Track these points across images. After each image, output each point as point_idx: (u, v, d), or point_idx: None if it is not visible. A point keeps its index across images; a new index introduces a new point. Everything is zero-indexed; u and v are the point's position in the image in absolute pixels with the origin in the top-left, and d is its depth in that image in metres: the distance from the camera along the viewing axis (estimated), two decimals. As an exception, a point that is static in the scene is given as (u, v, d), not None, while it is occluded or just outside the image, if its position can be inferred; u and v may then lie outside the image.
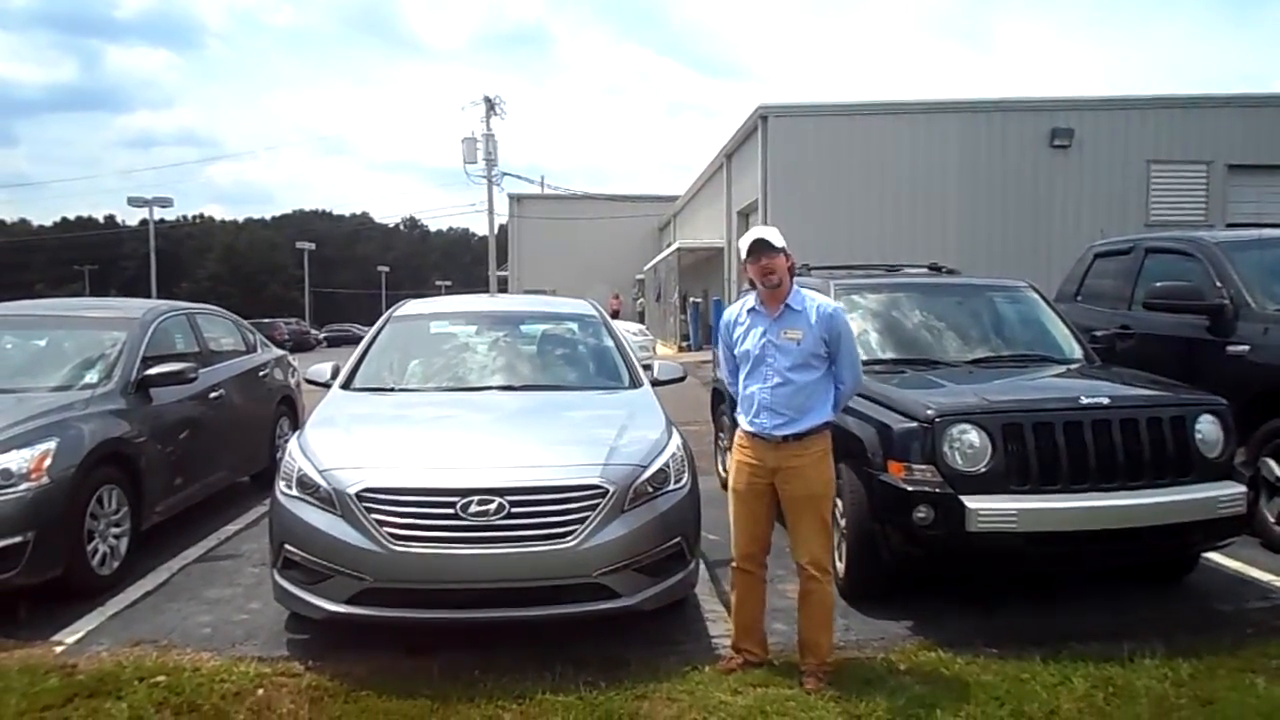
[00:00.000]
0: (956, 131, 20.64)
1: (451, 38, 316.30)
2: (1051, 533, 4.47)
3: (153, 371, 6.07)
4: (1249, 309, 6.23)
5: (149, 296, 30.49)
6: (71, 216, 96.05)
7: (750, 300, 4.16)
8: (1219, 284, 6.49)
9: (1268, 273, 6.50)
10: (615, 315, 34.16)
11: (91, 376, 5.90)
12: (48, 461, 4.92)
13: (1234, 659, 4.11)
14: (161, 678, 4.00)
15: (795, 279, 4.11)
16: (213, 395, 6.98)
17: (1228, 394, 5.00)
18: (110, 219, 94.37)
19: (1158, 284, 6.86)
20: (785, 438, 3.95)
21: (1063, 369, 5.75)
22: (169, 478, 6.14)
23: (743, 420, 4.12)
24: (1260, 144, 20.46)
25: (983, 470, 4.49)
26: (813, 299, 4.07)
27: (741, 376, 4.14)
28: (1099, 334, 6.66)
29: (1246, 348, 6.10)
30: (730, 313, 4.30)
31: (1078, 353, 6.02)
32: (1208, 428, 4.72)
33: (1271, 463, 5.75)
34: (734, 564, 4.19)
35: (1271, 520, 5.75)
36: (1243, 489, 4.69)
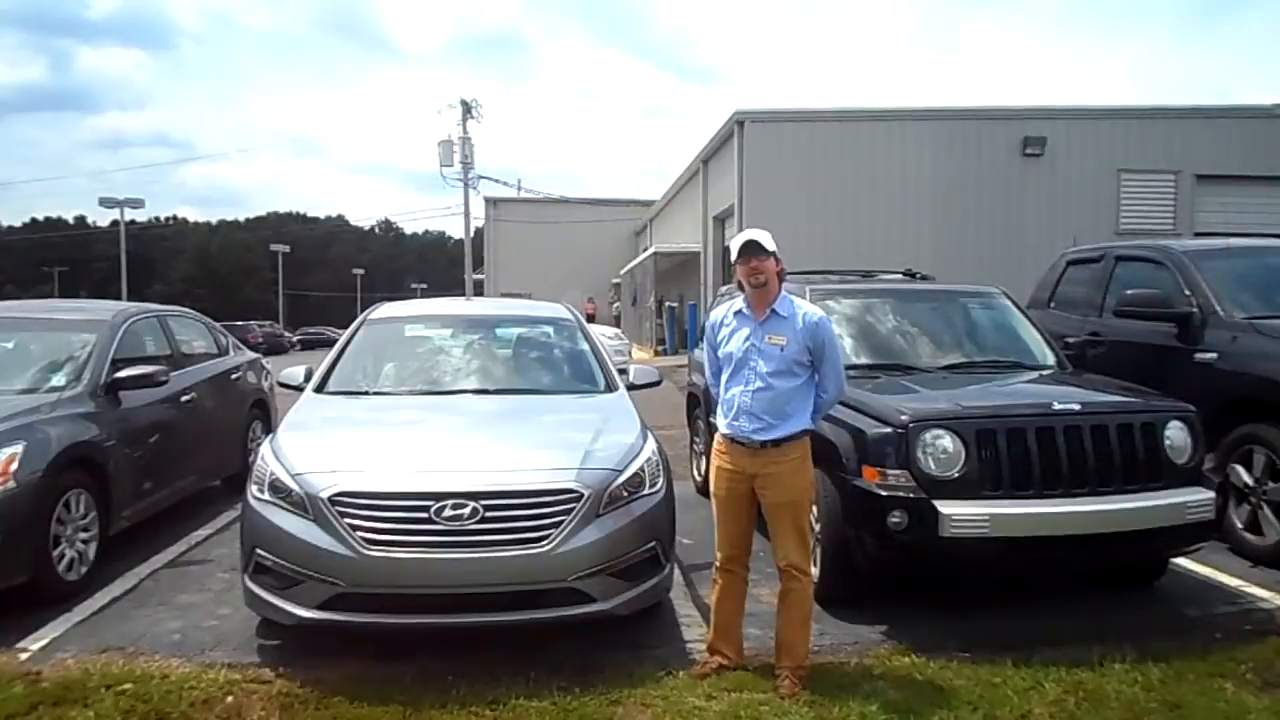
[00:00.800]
0: (931, 138, 20.79)
1: (428, 41, 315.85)
2: (1024, 538, 4.51)
3: (122, 374, 6.00)
4: (1217, 317, 6.31)
5: (120, 298, 30.17)
6: (41, 217, 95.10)
7: (738, 302, 4.16)
8: (1187, 292, 6.57)
9: (1235, 281, 6.59)
10: (591, 319, 34.19)
11: (60, 379, 5.82)
12: (14, 465, 4.84)
13: (1202, 663, 4.15)
14: (129, 685, 3.94)
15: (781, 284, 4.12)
16: (184, 398, 6.91)
17: (1196, 401, 5.06)
18: (81, 220, 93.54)
19: (1128, 292, 6.93)
20: (763, 443, 3.96)
21: (1035, 375, 5.80)
22: (138, 482, 6.07)
23: (721, 423, 4.12)
24: (1228, 155, 20.74)
25: (956, 475, 4.52)
26: (800, 306, 4.08)
27: (723, 379, 4.15)
28: (1071, 340, 6.72)
29: (1214, 355, 6.18)
30: (717, 313, 4.31)
31: (1050, 359, 6.07)
32: (1177, 434, 4.77)
33: (1239, 469, 5.82)
34: (717, 565, 4.20)
35: (1240, 526, 5.82)
36: (1211, 495, 4.75)
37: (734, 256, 4.03)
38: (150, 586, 5.46)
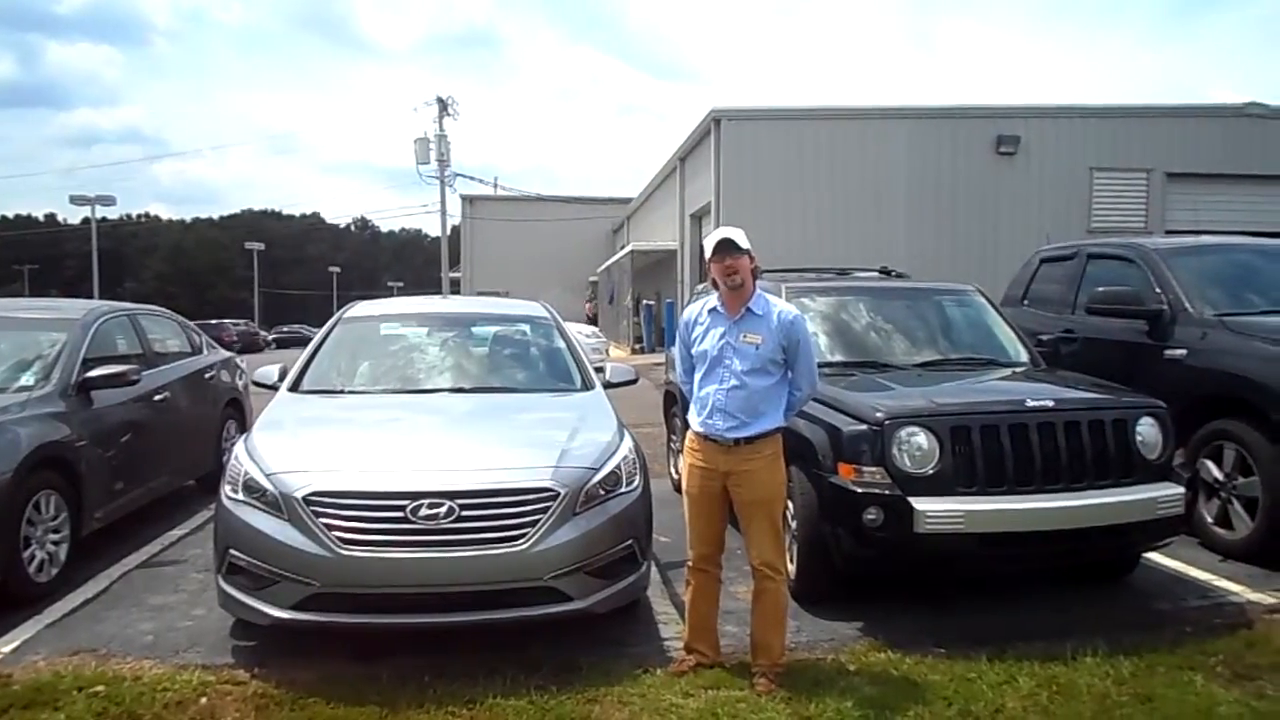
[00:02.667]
0: (905, 137, 20.91)
1: (403, 38, 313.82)
2: (998, 533, 4.54)
3: (94, 373, 5.93)
4: (1186, 314, 6.39)
5: (91, 297, 29.86)
6: (10, 215, 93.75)
7: (712, 300, 4.16)
8: (1158, 289, 6.64)
9: (1204, 279, 6.67)
10: (593, 321, 34.26)
11: (29, 378, 5.75)
12: (-18, 466, 4.78)
13: (1173, 656, 4.20)
14: (101, 687, 3.90)
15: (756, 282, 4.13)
16: (157, 398, 6.84)
17: (1166, 397, 5.13)
18: (51, 217, 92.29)
19: (1099, 289, 6.99)
20: (737, 441, 3.96)
21: (1009, 372, 5.85)
22: (110, 482, 6.00)
23: (694, 420, 4.12)
24: (1198, 153, 21.01)
25: (931, 472, 4.55)
26: (774, 304, 4.08)
27: (697, 377, 4.14)
28: (1044, 338, 6.78)
29: (1184, 352, 6.25)
30: (690, 311, 4.30)
31: (1023, 356, 6.13)
32: (1147, 430, 4.83)
33: (1209, 464, 5.89)
34: (689, 564, 4.20)
35: (1209, 520, 5.89)
36: (1181, 490, 4.81)
37: (708, 255, 4.02)
38: (123, 588, 5.40)
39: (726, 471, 4.00)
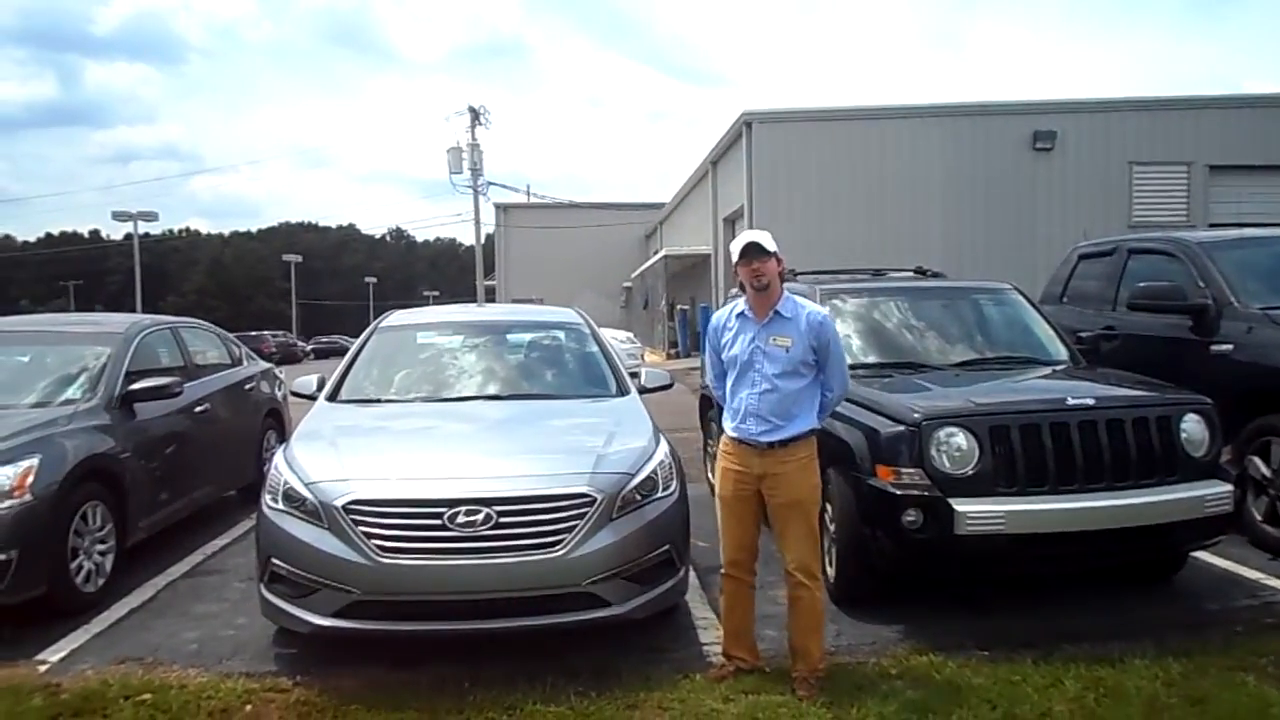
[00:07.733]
0: (940, 135, 20.75)
1: (431, 50, 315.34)
2: (1040, 534, 4.47)
3: (137, 386, 6.03)
4: (1232, 308, 6.26)
5: (134, 311, 30.36)
6: (56, 232, 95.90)
7: (740, 304, 4.14)
8: (1201, 284, 6.52)
9: (1249, 272, 6.54)
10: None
11: (75, 392, 5.85)
12: (30, 478, 4.86)
13: (1224, 658, 4.12)
14: (147, 695, 3.96)
15: (784, 284, 4.11)
16: (198, 409, 6.94)
17: (1212, 393, 5.02)
18: (94, 234, 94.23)
19: (1141, 285, 6.88)
20: (771, 444, 3.94)
21: (1048, 370, 5.76)
22: (154, 493, 6.09)
23: (728, 425, 4.11)
24: (1240, 145, 20.64)
25: (970, 473, 4.49)
26: (802, 306, 4.06)
27: (729, 382, 4.13)
28: (1084, 335, 6.68)
29: (1230, 347, 6.13)
30: (719, 316, 4.28)
31: (1063, 354, 6.03)
32: (1193, 427, 4.73)
33: (1257, 461, 5.77)
34: (722, 570, 4.18)
35: (1258, 518, 5.77)
36: (1229, 487, 4.70)
37: (735, 258, 4.01)
38: (167, 597, 5.49)
39: (761, 475, 3.98)
